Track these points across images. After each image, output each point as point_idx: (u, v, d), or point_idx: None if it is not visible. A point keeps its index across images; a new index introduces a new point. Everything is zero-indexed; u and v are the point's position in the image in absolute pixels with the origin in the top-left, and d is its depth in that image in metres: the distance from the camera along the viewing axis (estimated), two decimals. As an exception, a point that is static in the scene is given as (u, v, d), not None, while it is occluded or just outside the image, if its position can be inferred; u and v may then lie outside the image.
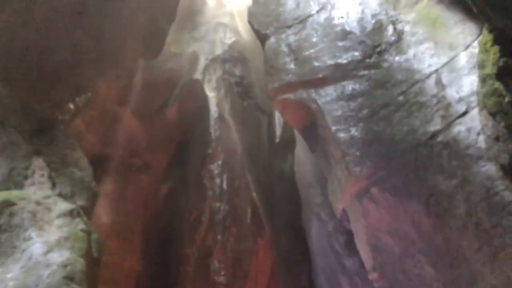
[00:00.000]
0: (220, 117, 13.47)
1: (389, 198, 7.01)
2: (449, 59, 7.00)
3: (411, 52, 7.53)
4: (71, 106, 9.24)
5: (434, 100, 6.95)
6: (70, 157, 7.38)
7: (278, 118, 14.84)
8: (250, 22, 10.49)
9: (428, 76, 7.14)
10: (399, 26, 7.86)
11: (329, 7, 9.07)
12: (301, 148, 13.98)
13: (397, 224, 7.02)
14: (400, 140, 7.11)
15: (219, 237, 11.53)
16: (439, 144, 6.67)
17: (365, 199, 7.34)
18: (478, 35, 6.65)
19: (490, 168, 5.99)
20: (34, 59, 7.42)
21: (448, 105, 6.78)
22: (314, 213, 13.66)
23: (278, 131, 14.99)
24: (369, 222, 7.40)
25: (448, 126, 6.66)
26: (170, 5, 11.63)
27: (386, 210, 7.11)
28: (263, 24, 9.96)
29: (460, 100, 6.66)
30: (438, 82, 6.99)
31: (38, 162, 6.62)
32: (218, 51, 14.82)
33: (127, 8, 9.47)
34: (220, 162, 12.58)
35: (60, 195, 6.58)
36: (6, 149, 6.27)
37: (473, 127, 6.37)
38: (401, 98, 7.33)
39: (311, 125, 8.91)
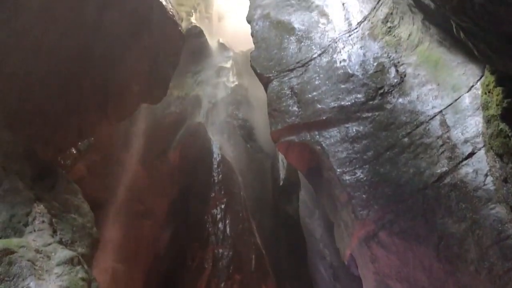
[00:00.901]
0: (223, 160, 13.42)
1: (398, 242, 6.79)
2: (453, 101, 6.97)
3: (414, 94, 7.51)
4: (74, 150, 9.24)
5: (440, 142, 6.86)
6: (71, 202, 7.27)
7: (282, 160, 14.75)
8: (252, 66, 10.59)
9: (433, 117, 7.09)
10: (401, 69, 7.89)
11: (330, 50, 9.17)
12: (306, 191, 13.78)
13: (407, 270, 6.75)
14: (407, 182, 6.96)
15: (222, 284, 11.22)
16: (447, 186, 6.52)
17: (373, 243, 7.11)
18: (481, 77, 6.64)
19: (499, 211, 5.82)
20: (38, 104, 7.47)
21: (454, 147, 6.69)
22: (320, 259, 13.26)
23: (282, 173, 14.87)
24: (378, 268, 7.13)
25: (455, 167, 6.53)
26: (174, 51, 11.83)
27: (395, 255, 6.86)
28: (265, 68, 10.04)
29: (466, 141, 6.57)
30: (443, 123, 6.93)
31: (39, 208, 6.50)
32: (221, 94, 15.02)
33: (132, 54, 9.63)
34: (223, 206, 12.43)
35: (60, 242, 6.45)
36: (7, 195, 6.18)
37: (481, 168, 6.24)
38: (406, 139, 7.24)
39: (316, 168, 8.80)
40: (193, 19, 16.47)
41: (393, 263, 6.90)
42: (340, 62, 8.84)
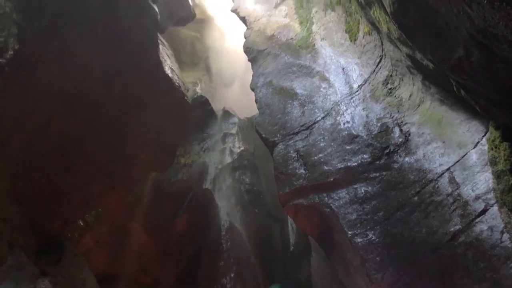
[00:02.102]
0: (231, 226, 13.23)
1: (416, 306, 6.51)
2: (460, 157, 6.95)
3: (420, 152, 7.52)
4: (81, 222, 9.17)
5: (450, 199, 6.77)
6: (77, 276, 7.10)
7: (291, 224, 14.51)
8: (257, 131, 10.74)
9: (441, 175, 7.05)
10: (405, 128, 7.96)
11: (333, 113, 9.32)
12: (317, 256, 13.41)
13: (428, 335, 6.42)
14: (420, 242, 6.79)
15: None
16: (462, 245, 6.35)
17: (391, 308, 6.82)
18: (485, 132, 6.66)
19: (520, 269, 5.63)
20: (45, 177, 7.52)
21: (466, 204, 6.58)
22: (336, 327, 12.67)
23: (292, 238, 14.57)
24: (397, 336, 6.79)
25: (469, 225, 6.40)
26: (180, 120, 12.08)
27: (414, 321, 6.56)
28: (270, 132, 10.18)
29: (477, 198, 6.47)
30: (452, 180, 6.88)
31: (44, 284, 6.34)
32: (228, 160, 15.11)
33: (139, 124, 9.83)
34: (232, 274, 12.08)
35: (65, 318, 6.24)
36: (11, 271, 6.06)
37: (495, 225, 6.11)
38: (415, 198, 7.16)
39: (326, 231, 8.64)
40: (198, 89, 16.95)
41: (412, 330, 6.58)
42: (344, 124, 8.96)
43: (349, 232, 7.61)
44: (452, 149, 7.08)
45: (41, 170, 7.49)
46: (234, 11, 15.30)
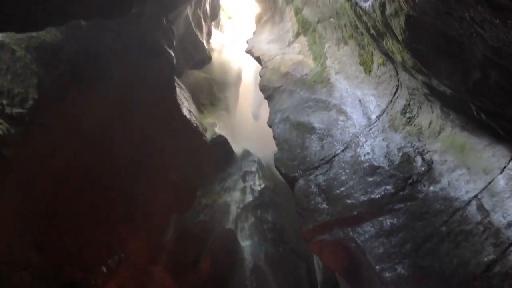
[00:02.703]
0: (256, 266, 12.96)
1: None
2: (487, 184, 6.71)
3: (444, 181, 7.30)
4: (104, 268, 9.10)
5: (481, 228, 6.48)
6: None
7: (317, 262, 14.14)
8: (277, 167, 10.68)
9: (468, 202, 6.80)
10: (427, 156, 7.78)
11: (353, 145, 9.21)
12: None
13: None
14: (452, 274, 6.48)
15: None
16: (498, 275, 6.03)
17: None
18: (511, 157, 6.47)
19: None
20: (67, 223, 7.55)
21: (497, 232, 6.29)
22: None
23: (319, 276, 14.15)
24: None
25: (503, 254, 6.09)
26: (199, 160, 12.15)
27: None
28: (290, 168, 10.11)
29: (510, 225, 6.18)
30: (480, 208, 6.62)
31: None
32: (249, 198, 14.99)
33: (159, 165, 9.91)
34: (259, 316, 11.75)
35: None
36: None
37: (532, 253, 5.81)
38: (444, 228, 6.89)
39: (353, 267, 8.35)
40: (217, 129, 17.10)
41: None
42: (364, 155, 8.83)
43: (377, 267, 7.34)
44: (478, 175, 6.84)
45: (63, 217, 7.53)
46: (249, 51, 15.60)
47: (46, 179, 7.05)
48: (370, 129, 9.07)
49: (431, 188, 7.39)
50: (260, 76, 13.77)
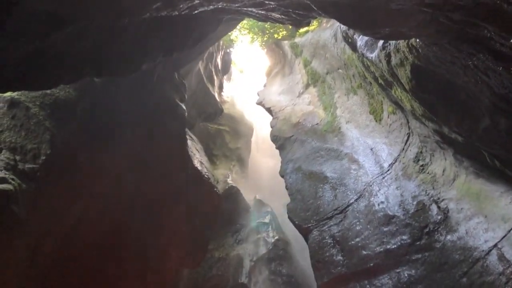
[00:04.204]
0: (272, 323, 12.49)
1: None
2: (506, 232, 6.48)
3: (462, 229, 7.07)
4: (115, 327, 8.84)
5: (503, 279, 6.19)
6: None
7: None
8: (290, 218, 10.53)
9: (488, 252, 6.54)
10: (442, 204, 7.60)
11: (367, 194, 9.09)
12: None
13: None
14: (477, 329, 6.14)
15: None
16: (525, 330, 5.70)
17: None
18: (530, 203, 6.28)
19: None
20: (79, 278, 7.42)
21: (521, 283, 6.01)
22: None
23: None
24: None
25: (528, 307, 5.79)
26: (211, 212, 12.05)
27: None
28: (303, 219, 9.96)
29: (534, 275, 5.92)
30: (501, 257, 6.35)
31: None
32: (262, 250, 14.67)
33: (171, 220, 9.83)
34: None
35: None
36: None
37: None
38: (464, 280, 6.60)
39: (372, 322, 7.99)
40: (229, 180, 17.08)
41: None
42: (379, 204, 8.68)
43: (397, 323, 7.02)
44: (496, 223, 6.63)
45: (73, 275, 7.41)
46: (260, 103, 15.87)
47: (57, 235, 7.01)
48: (383, 178, 8.96)
49: (449, 237, 7.16)
50: (271, 127, 13.92)
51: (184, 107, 9.95)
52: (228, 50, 20.82)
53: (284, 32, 16.52)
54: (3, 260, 5.53)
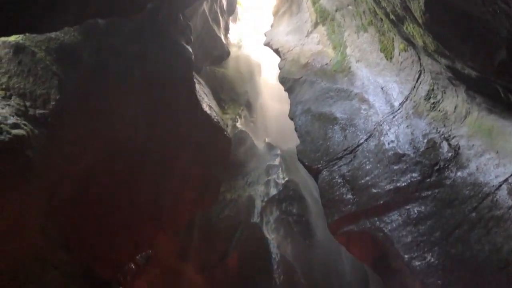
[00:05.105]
0: (282, 259, 12.92)
1: (489, 332, 5.97)
2: (518, 167, 6.49)
3: (473, 166, 7.07)
4: (132, 266, 9.21)
5: (512, 212, 6.28)
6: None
7: (344, 253, 13.98)
8: (300, 160, 10.59)
9: (498, 187, 6.57)
10: (453, 142, 7.56)
11: (377, 134, 9.05)
12: (375, 285, 12.78)
13: None
14: (484, 261, 6.29)
15: None
16: (533, 261, 5.83)
17: (460, 335, 6.29)
18: (542, 138, 6.23)
19: None
20: (94, 224, 7.64)
21: (531, 216, 6.09)
22: None
23: (347, 267, 14.03)
24: None
25: (538, 239, 5.89)
26: (222, 156, 12.15)
27: None
28: (313, 160, 10.01)
29: (543, 208, 5.98)
30: (511, 192, 6.40)
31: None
32: (273, 192, 14.96)
33: (182, 163, 9.94)
34: (288, 309, 11.73)
35: None
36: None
37: None
38: (473, 215, 6.69)
39: (381, 257, 8.21)
40: (238, 124, 17.10)
41: None
42: (389, 143, 8.66)
43: (406, 256, 7.20)
44: (507, 158, 6.61)
45: (90, 218, 7.63)
46: (267, 44, 15.51)
47: (72, 179, 7.14)
48: (394, 117, 8.88)
49: (459, 174, 7.18)
50: (280, 68, 13.68)
51: (190, 50, 9.77)
52: (233, -11, 20.16)
53: (291, -32, 15.85)
54: (22, 206, 5.67)
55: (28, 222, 5.63)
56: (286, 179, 15.46)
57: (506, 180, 6.46)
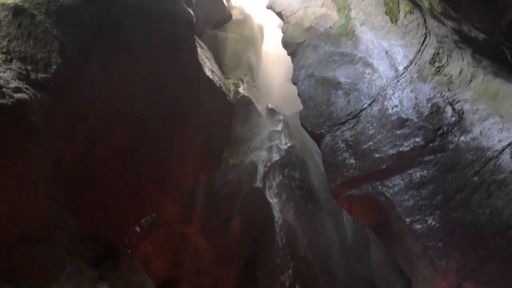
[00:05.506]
0: (285, 223, 13.12)
1: (488, 292, 6.10)
2: (522, 131, 6.47)
3: (476, 130, 7.05)
4: (137, 228, 9.36)
5: (515, 176, 6.30)
6: (135, 280, 7.27)
7: (346, 217, 14.18)
8: (303, 125, 10.59)
9: (501, 151, 6.57)
10: (457, 106, 7.51)
11: (380, 98, 8.99)
12: (377, 248, 13.00)
13: (503, 323, 6.00)
14: (485, 224, 6.38)
15: None
16: (533, 224, 5.91)
17: (460, 297, 6.44)
18: (548, 103, 6.18)
19: None
20: (99, 188, 7.71)
21: (533, 180, 6.12)
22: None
23: (349, 231, 14.25)
24: (470, 326, 6.40)
25: (538, 202, 5.94)
26: (225, 121, 12.13)
27: (487, 308, 6.15)
28: (316, 125, 10.00)
29: (545, 172, 6.00)
30: (515, 156, 6.40)
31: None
32: (276, 157, 15.03)
33: (185, 128, 9.92)
34: (290, 271, 11.96)
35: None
36: (72, 277, 6.25)
37: None
38: (476, 179, 6.73)
39: (383, 221, 8.33)
40: (241, 90, 16.97)
41: (486, 318, 6.18)
42: (392, 108, 8.62)
43: (407, 219, 7.30)
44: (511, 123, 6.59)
45: (94, 182, 7.69)
46: (270, 7, 15.19)
47: (76, 143, 7.15)
48: (398, 81, 8.80)
49: (462, 138, 7.17)
50: (283, 32, 13.46)
51: (192, 13, 9.58)
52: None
53: None
54: (27, 170, 5.69)
55: (33, 187, 5.68)
56: (289, 144, 15.50)
57: (509, 144, 6.46)
